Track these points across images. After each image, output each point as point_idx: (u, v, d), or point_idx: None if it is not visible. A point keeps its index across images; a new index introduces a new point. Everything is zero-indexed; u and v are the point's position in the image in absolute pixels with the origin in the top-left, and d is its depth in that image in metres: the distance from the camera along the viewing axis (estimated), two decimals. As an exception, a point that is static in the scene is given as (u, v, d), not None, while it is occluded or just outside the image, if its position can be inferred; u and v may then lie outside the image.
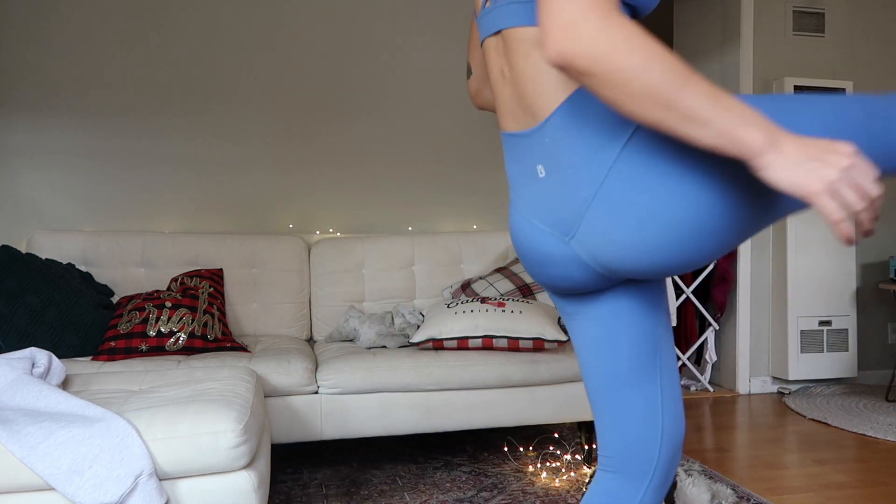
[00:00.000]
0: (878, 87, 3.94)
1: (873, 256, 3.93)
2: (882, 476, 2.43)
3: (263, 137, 3.15)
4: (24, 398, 1.52)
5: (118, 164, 3.01)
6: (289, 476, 2.41)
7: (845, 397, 3.52)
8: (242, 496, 1.50)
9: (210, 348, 2.34)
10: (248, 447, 1.51)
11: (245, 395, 1.65)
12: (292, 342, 2.56)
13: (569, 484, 2.30)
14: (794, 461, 2.59)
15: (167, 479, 1.45)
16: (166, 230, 3.04)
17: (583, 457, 2.54)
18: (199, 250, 2.78)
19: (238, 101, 3.13)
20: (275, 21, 3.16)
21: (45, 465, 1.34)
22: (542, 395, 2.38)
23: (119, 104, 3.01)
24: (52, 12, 2.94)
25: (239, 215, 3.13)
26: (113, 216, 3.00)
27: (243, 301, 2.77)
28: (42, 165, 2.94)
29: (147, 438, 1.42)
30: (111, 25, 3.00)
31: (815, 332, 3.66)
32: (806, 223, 3.66)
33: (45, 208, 2.94)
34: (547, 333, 2.37)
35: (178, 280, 2.59)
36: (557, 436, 2.86)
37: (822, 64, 3.85)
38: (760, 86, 3.76)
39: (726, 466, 2.53)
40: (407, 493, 2.22)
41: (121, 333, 2.28)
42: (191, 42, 3.08)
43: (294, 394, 2.19)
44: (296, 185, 3.19)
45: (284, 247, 2.87)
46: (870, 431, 2.94)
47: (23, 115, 2.92)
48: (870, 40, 3.92)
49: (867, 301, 3.91)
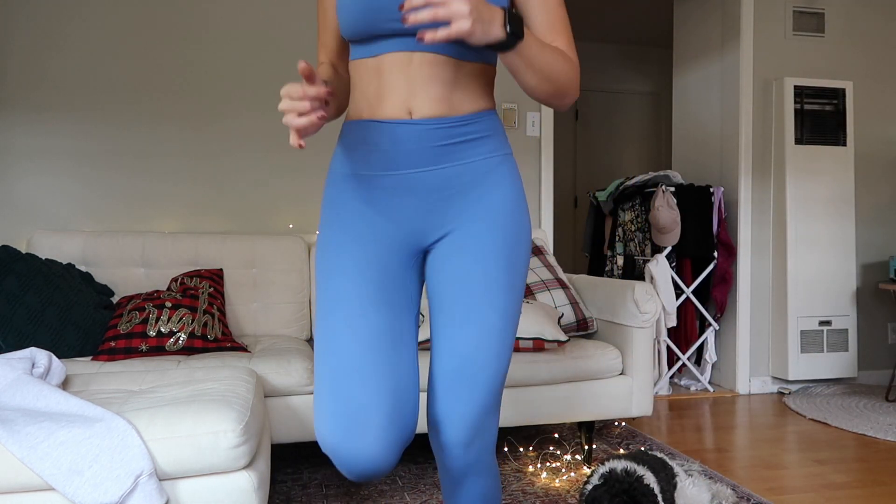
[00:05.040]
0: (878, 87, 3.94)
1: (873, 256, 3.93)
2: (882, 476, 2.43)
3: (263, 137, 3.15)
4: (24, 398, 1.52)
5: (118, 164, 3.01)
6: (289, 476, 2.41)
7: (845, 397, 3.52)
8: (242, 496, 1.50)
9: (210, 348, 2.34)
10: (248, 447, 1.51)
11: (245, 396, 1.65)
12: (292, 342, 2.56)
13: (569, 484, 2.30)
14: (794, 461, 2.59)
15: (167, 479, 1.45)
16: (166, 230, 3.04)
17: (583, 457, 2.54)
18: (199, 250, 2.78)
19: (238, 102, 3.13)
20: (274, 23, 3.16)
21: (45, 465, 1.34)
22: (542, 395, 2.38)
23: (119, 105, 3.01)
24: (53, 16, 2.94)
25: (239, 215, 3.13)
26: (113, 216, 3.00)
27: (243, 301, 2.77)
28: (42, 166, 2.94)
29: (147, 438, 1.42)
30: (112, 27, 3.00)
31: (815, 332, 3.66)
32: (806, 223, 3.66)
33: (45, 208, 2.94)
34: (547, 333, 2.37)
35: (178, 280, 2.59)
36: (557, 436, 2.86)
37: (821, 64, 3.85)
38: (760, 86, 3.76)
39: (726, 466, 2.53)
40: (407, 493, 2.22)
41: (121, 333, 2.28)
42: (191, 43, 3.08)
43: (294, 394, 2.19)
44: (296, 185, 3.19)
45: (284, 247, 2.87)
46: (870, 431, 2.94)
47: (24, 116, 2.92)
48: (870, 40, 3.92)
49: (867, 301, 3.91)
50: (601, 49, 6.17)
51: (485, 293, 1.17)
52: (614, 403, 2.46)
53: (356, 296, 1.14)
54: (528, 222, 1.24)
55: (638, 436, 2.88)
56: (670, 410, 3.36)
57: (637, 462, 1.72)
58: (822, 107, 3.72)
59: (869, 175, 3.93)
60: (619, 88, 6.24)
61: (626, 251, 3.99)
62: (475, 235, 1.18)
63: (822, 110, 3.72)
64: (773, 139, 3.73)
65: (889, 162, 3.96)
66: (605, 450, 2.68)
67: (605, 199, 4.11)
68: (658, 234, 3.66)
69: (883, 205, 3.95)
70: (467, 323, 1.16)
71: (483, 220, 1.19)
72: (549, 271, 2.83)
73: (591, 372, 2.43)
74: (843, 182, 3.73)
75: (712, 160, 4.01)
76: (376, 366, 1.10)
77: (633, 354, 2.49)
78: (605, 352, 2.46)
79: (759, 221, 3.77)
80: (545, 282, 2.76)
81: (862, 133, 3.91)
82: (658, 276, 3.52)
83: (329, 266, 1.19)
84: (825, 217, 3.69)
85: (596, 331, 2.74)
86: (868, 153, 3.92)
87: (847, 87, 3.76)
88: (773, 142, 3.73)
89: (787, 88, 3.66)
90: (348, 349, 1.10)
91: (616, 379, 2.48)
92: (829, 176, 3.71)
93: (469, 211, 1.19)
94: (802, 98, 3.68)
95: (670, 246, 3.67)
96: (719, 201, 3.74)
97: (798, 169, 3.67)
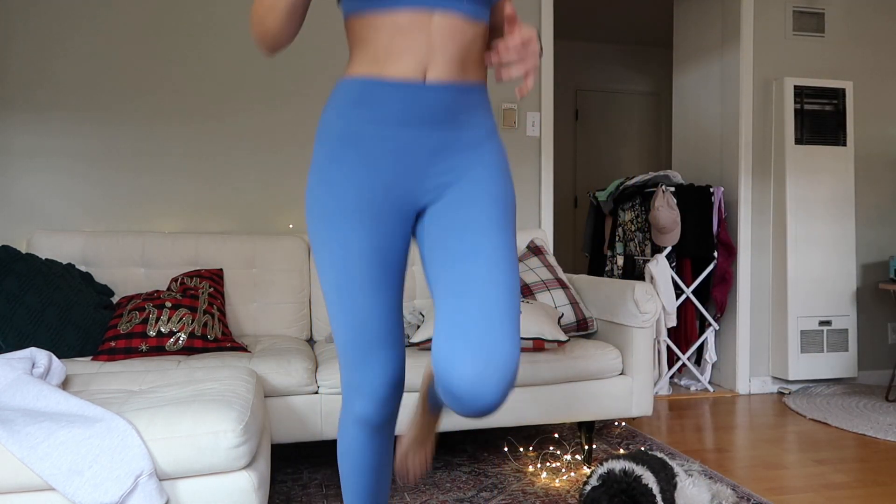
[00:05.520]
0: (879, 86, 3.94)
1: (873, 256, 3.93)
2: (882, 476, 2.43)
3: (264, 137, 3.15)
4: (24, 398, 1.52)
5: (118, 164, 3.01)
6: (289, 476, 2.41)
7: (845, 397, 3.52)
8: (242, 496, 1.50)
9: (210, 348, 2.34)
10: (248, 447, 1.51)
11: (245, 396, 1.65)
12: (292, 342, 2.56)
13: (569, 484, 2.30)
14: (794, 461, 2.59)
15: (167, 479, 1.45)
16: (166, 230, 3.04)
17: (583, 457, 2.54)
18: (199, 250, 2.78)
19: (238, 101, 3.13)
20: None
21: (45, 465, 1.35)
22: (542, 395, 2.38)
23: (119, 105, 3.01)
24: (54, 16, 2.94)
25: (239, 215, 3.13)
26: (113, 216, 3.00)
27: (243, 301, 2.77)
28: (42, 166, 2.94)
29: (147, 438, 1.42)
30: (112, 28, 3.00)
31: (815, 332, 3.66)
32: (806, 223, 3.66)
33: (45, 208, 2.94)
34: (547, 333, 2.37)
35: (178, 280, 2.59)
36: (557, 436, 2.86)
37: (821, 64, 3.85)
38: (760, 86, 3.76)
39: (726, 466, 2.53)
40: (407, 493, 2.23)
41: (121, 333, 2.28)
42: (191, 43, 3.08)
43: (294, 394, 2.19)
44: (296, 185, 3.19)
45: (284, 247, 2.87)
46: (870, 431, 2.94)
47: (24, 117, 2.92)
48: (870, 40, 3.92)
49: (867, 301, 3.91)
50: (601, 49, 6.17)
51: (495, 219, 1.21)
52: (614, 403, 2.46)
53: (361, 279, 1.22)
54: (512, 188, 1.29)
55: (638, 436, 2.88)
56: (670, 410, 3.36)
57: (636, 462, 1.72)
58: (822, 107, 3.72)
59: (869, 175, 3.93)
60: (619, 88, 6.24)
61: (626, 251, 3.99)
62: (478, 181, 1.22)
63: (822, 110, 3.72)
64: (773, 139, 3.73)
65: (889, 162, 3.96)
66: (605, 450, 2.68)
67: (605, 199, 4.11)
68: (658, 234, 3.66)
69: (883, 205, 3.95)
70: (478, 253, 1.17)
71: (488, 167, 1.24)
72: (549, 271, 2.83)
73: (591, 372, 2.43)
74: (843, 182, 3.73)
75: (712, 160, 4.01)
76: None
77: (633, 354, 2.49)
78: (605, 352, 2.46)
79: (759, 221, 3.77)
80: (545, 282, 2.76)
81: (862, 133, 3.91)
82: (658, 276, 3.52)
83: (326, 250, 1.23)
84: (825, 217, 3.69)
85: (596, 331, 2.74)
86: (868, 153, 3.92)
87: (847, 87, 3.76)
88: (773, 142, 3.73)
89: (787, 88, 3.66)
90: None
91: (616, 379, 2.48)
92: (829, 176, 3.71)
93: (472, 164, 1.23)
94: (802, 98, 3.68)
95: (670, 246, 3.67)
96: (719, 201, 3.74)
97: (798, 169, 3.67)
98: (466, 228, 1.19)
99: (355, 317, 1.23)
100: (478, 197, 1.21)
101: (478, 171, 1.23)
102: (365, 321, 1.23)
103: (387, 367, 1.27)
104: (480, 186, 1.22)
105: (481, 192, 1.21)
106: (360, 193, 1.19)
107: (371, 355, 1.26)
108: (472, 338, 1.09)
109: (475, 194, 1.21)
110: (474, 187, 1.21)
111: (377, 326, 1.24)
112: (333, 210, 1.20)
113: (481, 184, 1.22)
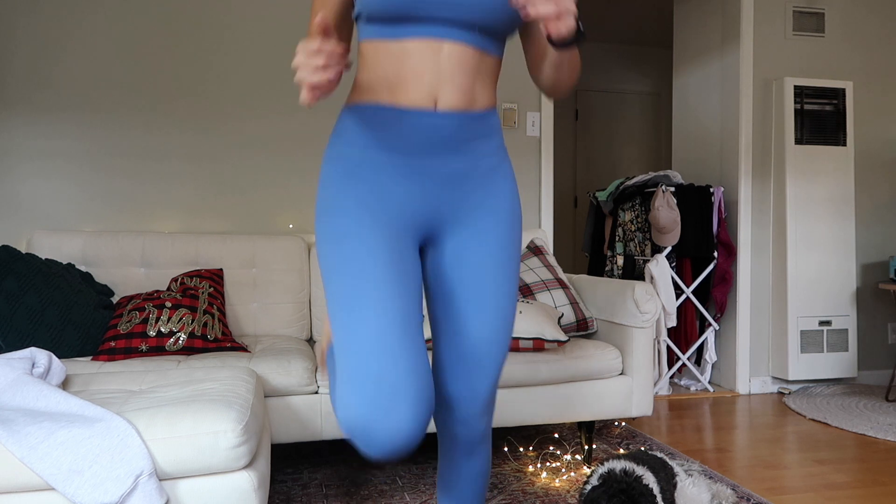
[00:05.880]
0: (879, 87, 3.94)
1: (873, 256, 3.93)
2: (882, 476, 2.43)
3: (264, 138, 3.15)
4: (24, 398, 1.52)
5: (119, 164, 3.01)
6: (289, 476, 2.41)
7: (845, 397, 3.52)
8: (242, 496, 1.50)
9: (210, 348, 2.34)
10: (248, 447, 1.51)
11: (245, 396, 1.65)
12: (292, 342, 2.56)
13: (569, 484, 2.30)
14: (794, 461, 2.59)
15: (167, 479, 1.45)
16: (166, 230, 3.04)
17: (583, 457, 2.54)
18: (199, 250, 2.78)
19: (238, 102, 3.13)
20: (275, 24, 3.16)
21: (45, 465, 1.35)
22: (542, 395, 2.38)
23: (120, 106, 3.01)
24: (56, 18, 2.94)
25: (239, 215, 3.13)
26: (113, 216, 3.00)
27: (243, 301, 2.77)
28: (43, 166, 2.94)
29: (147, 438, 1.42)
30: (113, 30, 3.00)
31: (815, 332, 3.66)
32: (806, 223, 3.66)
33: (45, 208, 2.94)
34: (547, 333, 2.37)
35: (178, 280, 2.59)
36: (557, 436, 2.86)
37: (821, 64, 3.85)
38: (760, 85, 3.76)
39: (726, 466, 2.53)
40: (407, 493, 2.23)
41: (121, 333, 2.28)
42: (192, 45, 3.08)
43: (294, 394, 2.19)
44: (296, 185, 3.19)
45: (284, 247, 2.87)
46: (870, 431, 2.94)
47: (24, 117, 2.92)
48: (870, 40, 3.92)
49: (867, 301, 3.91)
50: (601, 49, 6.17)
51: (499, 281, 1.26)
52: (614, 403, 2.46)
53: (381, 278, 1.12)
54: (521, 213, 1.34)
55: (638, 436, 2.89)
56: (670, 410, 3.36)
57: (636, 462, 1.72)
58: (822, 107, 3.72)
59: (869, 175, 3.93)
60: (619, 88, 6.24)
61: (626, 251, 3.99)
62: (490, 228, 1.25)
63: (822, 110, 3.72)
64: (773, 139, 3.73)
65: (889, 162, 3.96)
66: (605, 450, 2.68)
67: (605, 199, 4.11)
68: (658, 234, 3.66)
69: (883, 205, 3.95)
70: (485, 308, 1.24)
71: (496, 212, 1.26)
72: (549, 271, 2.83)
73: (591, 372, 2.43)
74: (842, 182, 3.73)
75: (712, 160, 4.01)
76: (404, 344, 1.10)
77: (633, 354, 2.49)
78: (604, 352, 2.46)
79: (759, 221, 3.77)
80: (545, 282, 2.76)
81: (862, 133, 3.91)
82: (658, 276, 3.52)
83: (345, 247, 1.15)
84: (825, 217, 3.69)
85: (596, 331, 2.74)
86: (868, 153, 3.92)
87: (847, 87, 3.76)
88: (773, 142, 3.73)
89: (787, 88, 3.66)
90: (377, 328, 1.09)
91: (616, 379, 2.48)
92: (829, 176, 3.71)
93: (482, 203, 1.25)
94: (802, 98, 3.68)
95: (670, 246, 3.67)
96: (719, 201, 3.74)
97: (798, 169, 3.67)
98: (478, 279, 1.25)
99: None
100: (492, 245, 1.26)
101: (491, 216, 1.26)
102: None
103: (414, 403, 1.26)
104: (495, 233, 1.26)
105: (496, 239, 1.26)
106: (374, 216, 1.17)
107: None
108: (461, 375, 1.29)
109: (489, 242, 1.25)
110: (488, 235, 1.26)
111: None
112: (345, 234, 1.16)
113: (496, 229, 1.26)
